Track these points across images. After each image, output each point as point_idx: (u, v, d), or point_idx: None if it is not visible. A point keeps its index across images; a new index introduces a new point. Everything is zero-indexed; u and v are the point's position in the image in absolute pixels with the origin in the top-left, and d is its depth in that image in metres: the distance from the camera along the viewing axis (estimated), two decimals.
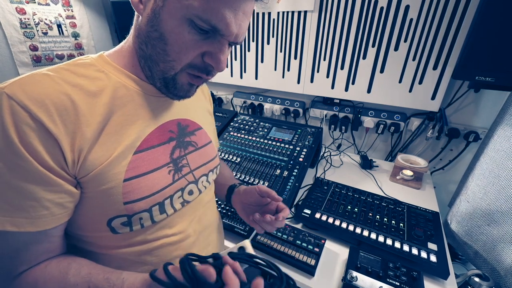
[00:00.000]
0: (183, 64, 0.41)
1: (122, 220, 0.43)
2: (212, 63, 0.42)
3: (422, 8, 0.96)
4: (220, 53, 0.41)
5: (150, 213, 0.45)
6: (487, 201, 0.78)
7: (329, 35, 1.16)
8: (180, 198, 0.51)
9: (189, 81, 0.44)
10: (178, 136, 0.52)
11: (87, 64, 0.44)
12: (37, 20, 1.53)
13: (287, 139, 1.14)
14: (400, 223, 0.80)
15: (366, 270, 0.64)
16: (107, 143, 0.41)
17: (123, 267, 0.45)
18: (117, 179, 0.41)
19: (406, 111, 1.19)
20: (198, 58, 0.42)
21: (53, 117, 0.36)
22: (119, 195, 0.42)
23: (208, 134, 0.61)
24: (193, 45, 0.40)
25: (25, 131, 0.34)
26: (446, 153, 1.17)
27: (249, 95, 1.55)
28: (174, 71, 0.42)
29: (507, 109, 0.76)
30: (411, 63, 1.05)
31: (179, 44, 0.39)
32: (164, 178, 0.48)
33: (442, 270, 0.65)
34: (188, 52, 0.40)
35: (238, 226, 0.79)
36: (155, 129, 0.48)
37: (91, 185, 0.40)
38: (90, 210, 0.42)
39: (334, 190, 0.95)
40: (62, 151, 0.36)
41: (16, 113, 0.34)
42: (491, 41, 0.76)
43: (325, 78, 1.24)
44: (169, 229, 0.50)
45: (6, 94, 0.34)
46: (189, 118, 0.56)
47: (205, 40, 0.40)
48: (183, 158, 0.52)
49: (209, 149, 0.60)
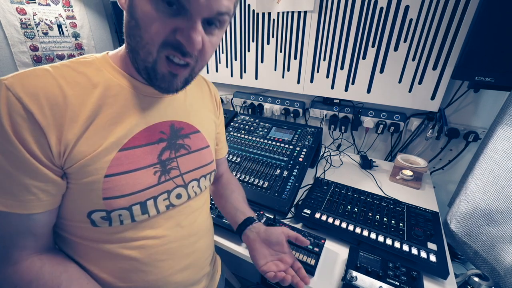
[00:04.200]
0: (157, 45, 0.39)
1: (101, 215, 0.44)
2: (182, 40, 0.39)
3: (422, 8, 0.96)
4: (191, 30, 0.38)
5: (130, 211, 0.46)
6: (487, 201, 0.78)
7: (329, 35, 1.16)
8: (166, 200, 0.50)
9: (168, 69, 0.42)
10: (169, 137, 0.51)
11: (88, 63, 0.45)
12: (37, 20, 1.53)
13: (287, 139, 1.14)
14: (399, 223, 0.80)
15: (366, 270, 0.64)
16: (93, 138, 0.42)
17: (102, 260, 0.48)
18: (99, 173, 0.42)
19: (405, 111, 1.19)
20: (171, 36, 0.39)
21: (43, 110, 0.38)
22: (99, 190, 0.42)
23: (207, 138, 0.60)
24: (162, 22, 0.38)
25: (17, 121, 0.36)
26: (446, 153, 1.18)
27: (249, 95, 1.55)
28: (152, 57, 0.41)
29: (506, 109, 0.76)
30: (410, 63, 1.05)
31: (149, 23, 0.38)
32: (148, 178, 0.47)
33: (441, 269, 0.65)
34: (158, 30, 0.38)
35: None
36: (145, 129, 0.48)
37: (74, 177, 0.42)
38: (72, 201, 0.44)
39: (334, 190, 0.96)
40: (49, 143, 0.38)
41: (11, 104, 0.36)
42: (490, 41, 0.76)
43: (325, 78, 1.24)
44: (150, 230, 0.50)
45: (5, 86, 0.37)
46: (185, 121, 0.55)
47: (175, 17, 0.38)
48: (172, 160, 0.51)
49: (205, 154, 0.58)
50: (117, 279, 0.49)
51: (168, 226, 0.52)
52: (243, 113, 1.41)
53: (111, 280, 0.49)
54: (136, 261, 0.49)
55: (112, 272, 0.49)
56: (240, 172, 1.02)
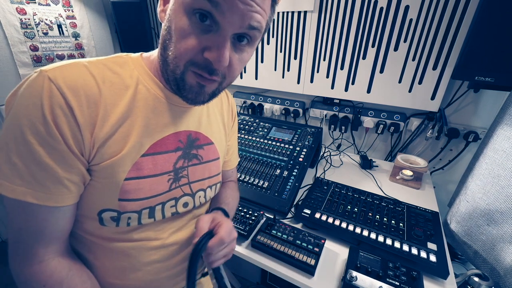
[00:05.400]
0: (185, 60, 0.40)
1: (112, 215, 0.45)
2: (210, 57, 0.39)
3: (422, 8, 0.96)
4: (220, 46, 0.38)
5: (139, 215, 0.47)
6: (487, 201, 0.78)
7: (329, 35, 1.16)
8: (173, 207, 0.52)
9: (197, 80, 0.42)
10: (185, 147, 0.52)
11: (122, 63, 0.46)
12: (37, 20, 1.53)
13: (287, 139, 1.14)
14: (399, 223, 0.80)
15: (366, 270, 0.64)
16: (121, 140, 0.43)
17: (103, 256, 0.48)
18: (120, 176, 0.43)
19: (405, 111, 1.19)
20: (199, 55, 0.39)
21: (82, 107, 0.39)
22: (117, 191, 0.43)
23: (219, 151, 0.61)
24: (193, 38, 0.38)
25: (58, 113, 0.37)
26: (446, 153, 1.18)
27: (249, 95, 1.55)
28: (180, 70, 0.41)
29: (506, 109, 0.76)
30: (410, 63, 1.05)
31: (181, 37, 0.38)
32: (162, 185, 0.49)
33: (441, 269, 0.65)
34: (188, 46, 0.38)
35: (238, 226, 0.79)
36: (166, 136, 0.48)
37: (97, 175, 0.42)
38: (88, 196, 0.44)
39: (334, 190, 0.96)
40: (83, 138, 0.39)
41: (54, 96, 0.37)
42: (490, 41, 0.76)
43: (325, 78, 1.24)
44: (152, 232, 0.50)
45: (49, 78, 0.37)
46: (202, 132, 0.56)
47: (206, 34, 0.38)
48: (184, 169, 0.52)
49: (214, 166, 0.59)
50: (114, 277, 0.50)
51: (170, 230, 0.53)
52: (243, 113, 1.41)
53: (108, 276, 0.49)
54: (135, 260, 0.49)
55: (110, 268, 0.49)
56: (240, 172, 1.02)
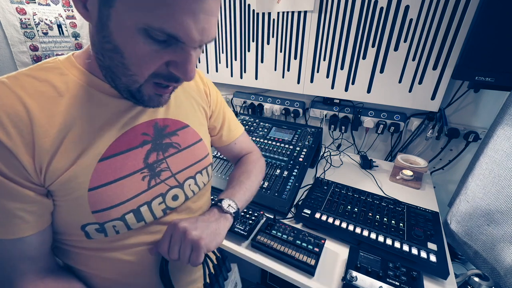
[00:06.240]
0: (146, 76, 0.37)
1: (94, 227, 0.42)
2: (178, 74, 0.37)
3: (422, 8, 0.96)
4: (186, 63, 0.36)
5: (123, 221, 0.44)
6: (487, 201, 0.78)
7: (329, 35, 1.16)
8: (161, 204, 0.49)
9: (156, 92, 0.40)
10: (154, 138, 0.48)
11: (51, 68, 0.41)
12: (37, 20, 1.53)
13: (287, 139, 1.14)
14: (400, 223, 0.80)
15: (366, 270, 0.64)
16: (69, 152, 0.39)
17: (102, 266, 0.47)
18: (82, 188, 0.40)
19: (406, 111, 1.19)
20: (163, 67, 0.37)
21: (7, 129, 0.34)
22: (86, 204, 0.40)
23: (198, 132, 0.57)
24: (153, 57, 0.35)
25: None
26: (446, 153, 1.18)
27: (249, 95, 1.55)
28: (138, 84, 0.38)
29: (506, 109, 0.76)
30: (411, 63, 1.05)
31: (137, 57, 0.35)
32: (136, 185, 0.45)
33: (441, 270, 0.65)
34: (149, 65, 0.36)
35: (238, 226, 0.79)
36: (124, 134, 0.44)
37: (58, 194, 0.40)
38: (63, 217, 0.42)
39: (334, 190, 0.96)
40: (21, 163, 0.36)
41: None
42: (490, 41, 0.76)
43: (325, 78, 1.24)
44: (148, 236, 0.48)
45: None
46: (170, 117, 0.51)
47: (166, 49, 0.35)
48: (161, 162, 0.49)
49: (197, 149, 0.55)
50: (116, 283, 0.49)
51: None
52: (243, 113, 1.41)
53: (110, 284, 0.49)
54: (136, 265, 0.49)
55: (111, 276, 0.48)
56: None
